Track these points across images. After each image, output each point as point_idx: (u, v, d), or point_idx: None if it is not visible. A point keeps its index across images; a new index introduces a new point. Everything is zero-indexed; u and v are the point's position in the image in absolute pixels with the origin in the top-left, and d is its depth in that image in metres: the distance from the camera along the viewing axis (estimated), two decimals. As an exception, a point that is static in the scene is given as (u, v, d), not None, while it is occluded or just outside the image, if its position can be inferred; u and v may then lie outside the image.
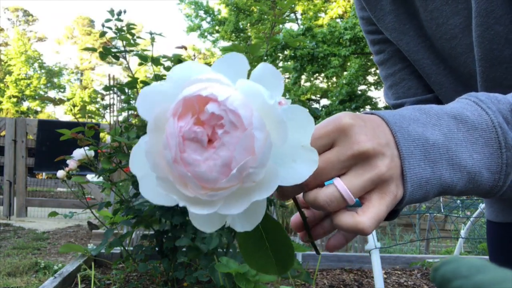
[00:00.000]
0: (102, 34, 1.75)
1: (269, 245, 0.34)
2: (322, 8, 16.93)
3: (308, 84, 16.04)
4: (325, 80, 16.62)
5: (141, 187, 0.29)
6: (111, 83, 1.86)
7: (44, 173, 7.75)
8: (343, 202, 0.34)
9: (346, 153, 0.35)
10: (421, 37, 0.69)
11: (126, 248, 1.93)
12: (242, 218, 0.29)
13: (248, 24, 18.24)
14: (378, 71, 0.83)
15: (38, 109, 23.98)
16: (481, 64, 0.59)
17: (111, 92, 1.96)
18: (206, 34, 19.49)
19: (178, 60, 1.72)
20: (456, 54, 0.66)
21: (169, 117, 0.27)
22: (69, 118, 20.40)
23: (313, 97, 18.28)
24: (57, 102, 1.69)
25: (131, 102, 1.90)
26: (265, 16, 16.94)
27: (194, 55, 1.67)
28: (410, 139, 0.37)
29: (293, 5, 15.18)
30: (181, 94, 0.27)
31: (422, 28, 0.69)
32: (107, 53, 1.74)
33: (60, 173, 1.83)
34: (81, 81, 27.81)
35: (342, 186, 0.34)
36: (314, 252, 2.94)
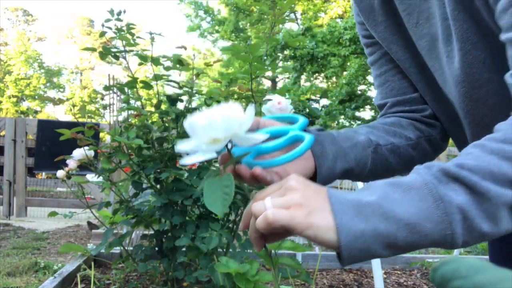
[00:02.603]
0: (102, 34, 1.75)
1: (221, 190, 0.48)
2: (322, 8, 16.92)
3: (308, 84, 16.02)
4: (324, 80, 16.61)
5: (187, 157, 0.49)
6: (111, 83, 1.86)
7: (44, 173, 7.75)
8: (264, 209, 0.45)
9: (280, 187, 0.47)
10: (408, 48, 0.72)
11: (126, 248, 1.93)
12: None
13: (248, 24, 18.23)
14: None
15: (38, 109, 23.97)
16: (464, 85, 0.62)
17: (111, 92, 1.96)
18: (206, 34, 19.47)
19: (178, 60, 1.72)
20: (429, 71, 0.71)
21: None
22: (69, 118, 20.39)
23: (313, 97, 18.25)
24: (56, 102, 1.69)
25: (131, 102, 1.90)
26: (265, 16, 16.92)
27: (194, 55, 1.67)
28: (344, 202, 0.44)
29: (293, 5, 15.15)
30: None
31: (410, 39, 0.71)
32: (107, 53, 1.74)
33: (60, 173, 1.83)
34: (80, 81, 27.79)
35: (269, 201, 0.45)
36: (314, 252, 2.95)
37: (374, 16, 0.74)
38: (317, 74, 15.45)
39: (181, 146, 0.46)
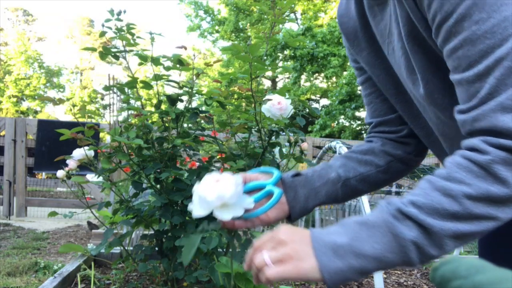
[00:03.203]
0: (102, 34, 1.75)
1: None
2: (322, 8, 16.90)
3: (308, 84, 16.01)
4: (324, 80, 16.60)
5: (194, 211, 0.65)
6: (111, 83, 1.86)
7: (44, 173, 7.75)
8: (264, 263, 0.57)
9: (273, 239, 0.59)
10: (389, 71, 0.78)
11: (126, 248, 1.93)
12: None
13: (248, 24, 18.20)
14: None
15: (38, 109, 23.95)
16: (432, 106, 0.68)
17: (110, 92, 1.96)
18: (206, 34, 19.46)
19: (178, 60, 1.72)
20: None
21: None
22: (69, 118, 20.38)
23: (313, 97, 18.22)
24: (56, 102, 1.69)
25: (131, 102, 1.90)
26: (265, 16, 16.92)
27: (194, 55, 1.67)
28: (323, 244, 0.56)
29: (293, 5, 15.14)
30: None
31: (390, 63, 0.77)
32: (107, 53, 1.74)
33: (60, 173, 1.82)
34: (80, 81, 27.78)
35: (267, 255, 0.58)
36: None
37: (358, 42, 0.81)
38: (317, 74, 15.44)
39: (189, 207, 0.66)
